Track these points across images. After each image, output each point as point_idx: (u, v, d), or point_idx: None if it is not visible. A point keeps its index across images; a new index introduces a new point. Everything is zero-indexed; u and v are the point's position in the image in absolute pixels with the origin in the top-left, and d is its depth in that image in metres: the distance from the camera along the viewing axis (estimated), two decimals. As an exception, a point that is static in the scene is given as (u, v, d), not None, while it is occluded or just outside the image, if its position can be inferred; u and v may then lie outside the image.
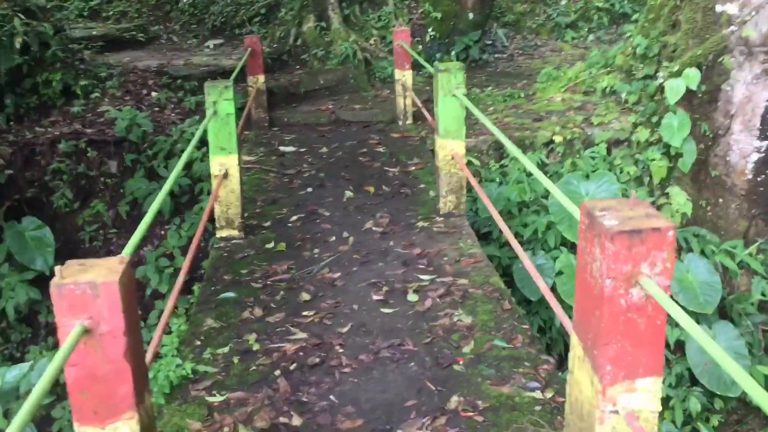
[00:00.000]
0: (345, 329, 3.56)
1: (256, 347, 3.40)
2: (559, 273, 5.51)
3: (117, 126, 6.57)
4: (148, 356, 2.55)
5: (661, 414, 5.38)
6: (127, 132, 6.51)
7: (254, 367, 3.25)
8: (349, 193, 5.51)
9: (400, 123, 7.52)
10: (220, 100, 4.48)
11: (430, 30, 9.96)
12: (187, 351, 3.39)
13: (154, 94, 7.49)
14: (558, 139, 6.49)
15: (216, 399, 3.00)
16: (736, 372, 1.57)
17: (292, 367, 3.24)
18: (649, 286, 1.94)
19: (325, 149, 6.70)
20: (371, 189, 5.59)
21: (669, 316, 1.92)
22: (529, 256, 5.69)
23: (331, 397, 3.01)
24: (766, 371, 5.42)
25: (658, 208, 6.24)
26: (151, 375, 3.10)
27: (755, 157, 5.99)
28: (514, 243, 3.44)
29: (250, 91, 7.37)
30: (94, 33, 9.46)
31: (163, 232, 6.34)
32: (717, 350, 1.64)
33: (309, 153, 6.62)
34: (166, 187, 3.04)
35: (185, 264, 3.41)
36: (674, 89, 6.10)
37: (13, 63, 6.69)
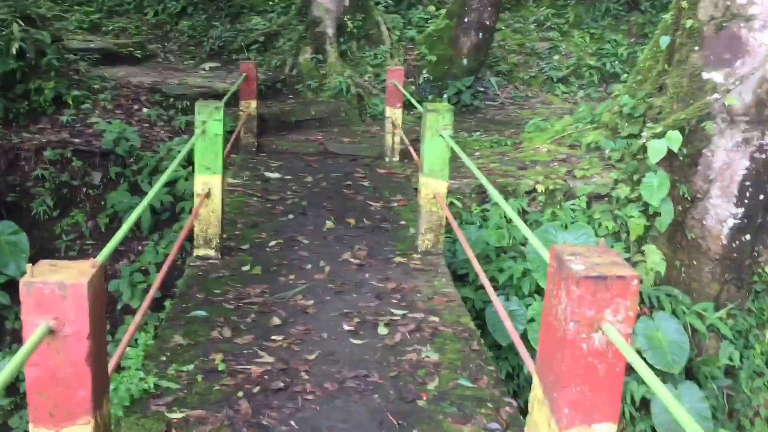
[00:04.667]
0: (312, 356, 3.56)
1: (221, 367, 3.38)
2: (531, 320, 5.54)
3: (105, 138, 6.59)
4: (111, 365, 2.54)
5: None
6: (115, 145, 6.53)
7: (217, 387, 3.23)
8: (329, 224, 5.54)
9: (387, 159, 7.60)
10: (210, 120, 4.52)
11: (424, 72, 10.13)
12: (151, 366, 3.36)
13: (145, 110, 7.53)
14: (540, 188, 6.59)
15: (175, 415, 2.98)
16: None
17: (255, 390, 3.22)
18: (610, 333, 1.98)
19: (310, 178, 6.75)
20: (352, 221, 5.63)
21: (630, 368, 1.95)
22: (503, 301, 5.72)
23: (292, 422, 3.00)
24: (728, 435, 5.45)
25: (633, 265, 6.32)
26: (112, 386, 3.07)
27: (731, 222, 6.11)
28: (488, 286, 3.47)
29: (241, 115, 7.43)
30: (91, 45, 9.52)
31: (140, 248, 6.31)
32: (676, 406, 1.67)
33: (294, 181, 6.66)
34: (147, 199, 3.06)
35: (158, 279, 3.41)
36: (656, 150, 6.23)
37: (8, 68, 6.73)
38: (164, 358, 3.45)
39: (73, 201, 6.58)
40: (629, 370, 2.01)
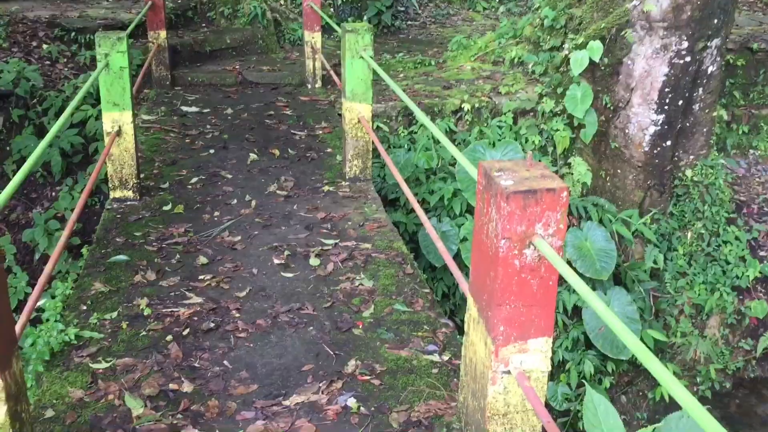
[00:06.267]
0: (243, 293, 3.45)
1: (147, 312, 3.24)
2: (464, 239, 5.55)
3: (2, 79, 6.10)
4: (23, 320, 2.37)
5: (557, 376, 5.56)
6: (14, 86, 6.06)
7: (144, 333, 3.09)
8: (253, 156, 5.34)
9: (309, 86, 7.35)
10: (113, 52, 4.21)
11: (342, -7, 9.77)
12: (71, 316, 3.19)
13: (45, 46, 7.00)
14: (466, 107, 6.52)
15: (101, 366, 2.84)
16: (623, 333, 1.57)
17: (185, 333, 3.10)
18: (542, 247, 1.93)
19: (230, 110, 6.47)
20: (276, 152, 5.44)
21: (562, 278, 1.92)
22: (435, 223, 5.71)
23: (225, 362, 2.91)
24: (655, 335, 5.68)
25: (561, 177, 6.38)
26: (29, 341, 2.91)
27: (652, 129, 6.20)
28: (418, 208, 3.41)
29: (150, 47, 7.01)
30: (-21, -21, 8.73)
31: (54, 194, 5.97)
32: (607, 313, 1.64)
33: (213, 114, 6.37)
34: (45, 141, 2.82)
35: (69, 223, 3.20)
36: (578, 61, 6.22)
37: None
38: (85, 307, 3.27)
39: (-25, 149, 6.13)
40: (560, 280, 1.98)
